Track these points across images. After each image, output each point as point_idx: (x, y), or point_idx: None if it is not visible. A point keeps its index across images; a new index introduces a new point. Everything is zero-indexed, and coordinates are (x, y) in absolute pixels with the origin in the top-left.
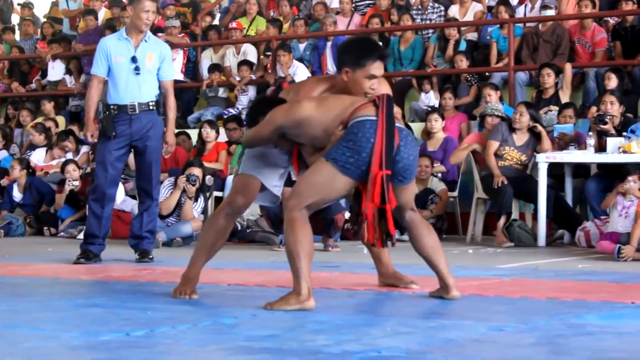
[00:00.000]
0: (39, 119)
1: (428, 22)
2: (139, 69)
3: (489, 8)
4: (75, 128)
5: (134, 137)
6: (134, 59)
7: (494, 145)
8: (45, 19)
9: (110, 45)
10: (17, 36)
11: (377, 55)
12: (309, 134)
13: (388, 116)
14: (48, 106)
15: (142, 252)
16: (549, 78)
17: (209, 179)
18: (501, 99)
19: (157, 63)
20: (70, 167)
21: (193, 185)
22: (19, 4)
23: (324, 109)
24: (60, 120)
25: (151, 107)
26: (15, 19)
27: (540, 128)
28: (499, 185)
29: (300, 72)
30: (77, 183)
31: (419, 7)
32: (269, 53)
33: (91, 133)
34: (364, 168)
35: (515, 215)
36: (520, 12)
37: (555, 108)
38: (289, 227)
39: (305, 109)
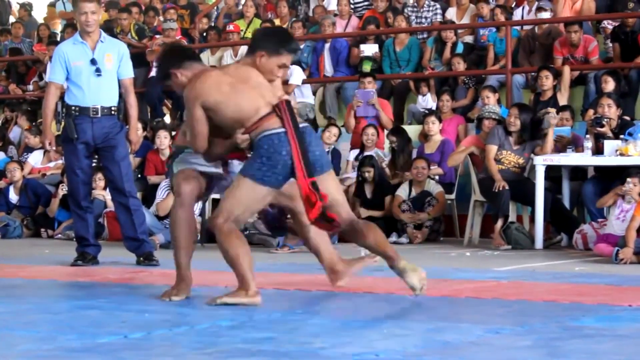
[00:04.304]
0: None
1: (423, 20)
2: (100, 70)
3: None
4: None
5: (97, 141)
6: (93, 61)
7: (492, 149)
8: (43, 21)
9: (67, 50)
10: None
11: (293, 48)
12: (216, 100)
13: (294, 126)
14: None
15: (147, 256)
16: (547, 80)
17: None
18: (499, 102)
19: (116, 63)
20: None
21: None
22: (18, 3)
23: (230, 80)
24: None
25: (113, 112)
26: (12, 20)
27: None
28: (499, 189)
29: (295, 75)
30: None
31: (415, 5)
32: None
33: (49, 141)
34: (281, 178)
35: (512, 217)
36: (517, 15)
37: (552, 110)
38: (224, 242)
39: (212, 75)
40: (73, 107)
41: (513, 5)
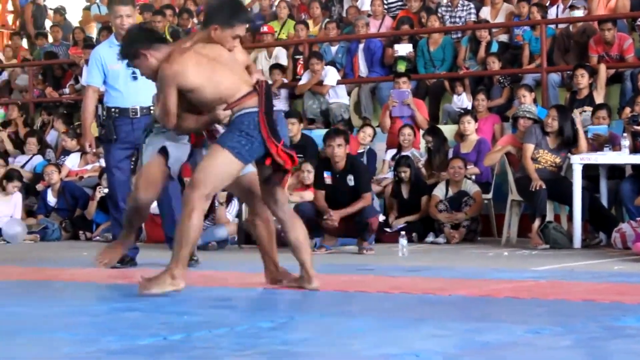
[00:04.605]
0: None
1: (457, 19)
2: (136, 73)
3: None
4: None
5: (137, 141)
6: (129, 65)
7: (530, 148)
8: (78, 25)
9: (103, 54)
10: (50, 41)
11: (245, 19)
12: (194, 83)
13: (268, 106)
14: None
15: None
16: (582, 79)
17: None
18: (535, 101)
19: None
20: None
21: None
22: (51, 9)
23: (206, 60)
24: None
25: (152, 111)
26: (48, 24)
27: (579, 127)
28: (536, 188)
29: (330, 76)
30: (107, 190)
31: (449, 4)
32: (298, 57)
33: (89, 143)
34: (254, 155)
35: (550, 217)
36: (552, 13)
37: (589, 109)
38: (187, 216)
39: (190, 57)
40: (113, 109)
41: (547, 4)
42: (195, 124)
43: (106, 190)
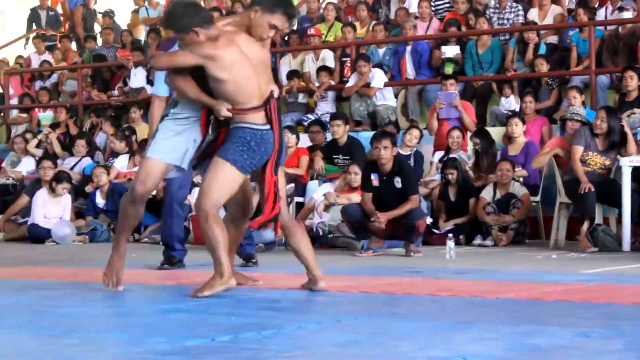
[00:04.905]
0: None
1: (505, 21)
2: None
3: (569, 11)
4: None
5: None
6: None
7: (579, 150)
8: (126, 28)
9: None
10: (99, 44)
11: (289, 11)
12: (221, 76)
13: (279, 123)
14: (137, 114)
15: (246, 257)
16: (632, 80)
17: (290, 187)
18: (583, 103)
19: None
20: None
21: None
22: (100, 12)
23: (244, 62)
24: (146, 128)
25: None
26: (96, 28)
27: (627, 130)
28: (585, 190)
29: (377, 78)
30: (154, 192)
31: (497, 6)
32: (345, 59)
33: None
34: (252, 169)
35: (599, 219)
36: (600, 15)
37: (638, 111)
38: (207, 227)
39: (234, 53)
40: None
41: (596, 5)
42: (193, 94)
43: (153, 192)
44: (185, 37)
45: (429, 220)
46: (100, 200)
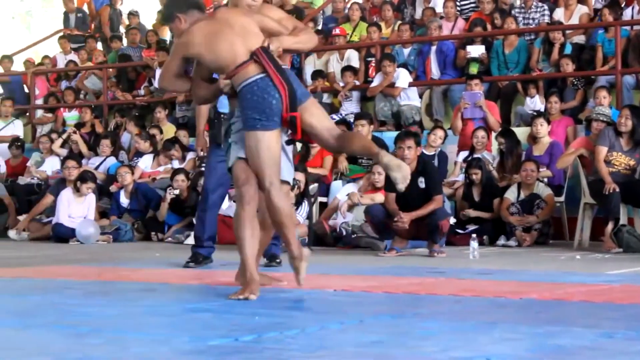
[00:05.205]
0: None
1: (531, 21)
2: None
3: (595, 11)
4: (184, 133)
5: None
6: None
7: (603, 151)
8: (152, 27)
9: None
10: (124, 44)
11: None
12: (196, 52)
13: (276, 67)
14: (162, 114)
15: (271, 257)
16: None
17: (314, 187)
18: (609, 103)
19: None
20: (180, 177)
21: (292, 190)
22: (126, 13)
23: (212, 29)
24: (171, 128)
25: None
26: (120, 28)
27: None
28: (610, 191)
29: (402, 78)
30: (177, 192)
31: (522, 6)
32: (370, 59)
33: (201, 147)
34: (277, 118)
35: (623, 220)
36: (627, 15)
37: None
38: (272, 204)
39: (199, 27)
40: (223, 114)
41: (623, 5)
42: (206, 91)
43: (176, 192)
44: (172, 26)
45: (452, 220)
46: (124, 200)
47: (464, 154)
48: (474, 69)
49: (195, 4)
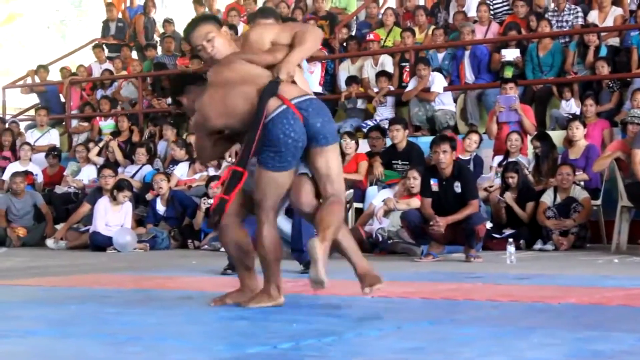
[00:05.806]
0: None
1: (564, 23)
2: None
3: (630, 12)
4: None
5: None
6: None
7: (639, 154)
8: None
9: None
10: (159, 53)
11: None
12: (219, 124)
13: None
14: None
15: (307, 264)
16: None
17: (350, 193)
18: None
19: None
20: (214, 184)
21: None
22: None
23: (223, 93)
24: None
25: None
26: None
27: None
28: None
29: (437, 82)
30: (211, 201)
31: (555, 9)
32: (404, 64)
33: (229, 153)
34: (291, 158)
35: None
36: None
37: None
38: (260, 237)
39: (209, 111)
40: None
41: None
42: (222, 151)
43: (210, 201)
44: (184, 109)
45: (488, 225)
46: (160, 208)
47: (499, 158)
48: (508, 73)
49: (188, 81)
